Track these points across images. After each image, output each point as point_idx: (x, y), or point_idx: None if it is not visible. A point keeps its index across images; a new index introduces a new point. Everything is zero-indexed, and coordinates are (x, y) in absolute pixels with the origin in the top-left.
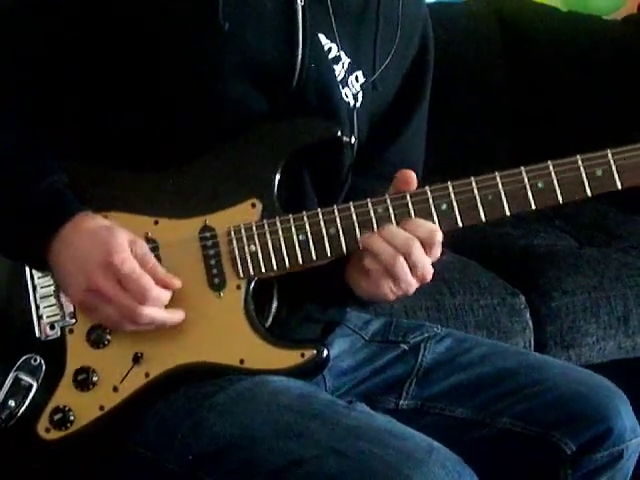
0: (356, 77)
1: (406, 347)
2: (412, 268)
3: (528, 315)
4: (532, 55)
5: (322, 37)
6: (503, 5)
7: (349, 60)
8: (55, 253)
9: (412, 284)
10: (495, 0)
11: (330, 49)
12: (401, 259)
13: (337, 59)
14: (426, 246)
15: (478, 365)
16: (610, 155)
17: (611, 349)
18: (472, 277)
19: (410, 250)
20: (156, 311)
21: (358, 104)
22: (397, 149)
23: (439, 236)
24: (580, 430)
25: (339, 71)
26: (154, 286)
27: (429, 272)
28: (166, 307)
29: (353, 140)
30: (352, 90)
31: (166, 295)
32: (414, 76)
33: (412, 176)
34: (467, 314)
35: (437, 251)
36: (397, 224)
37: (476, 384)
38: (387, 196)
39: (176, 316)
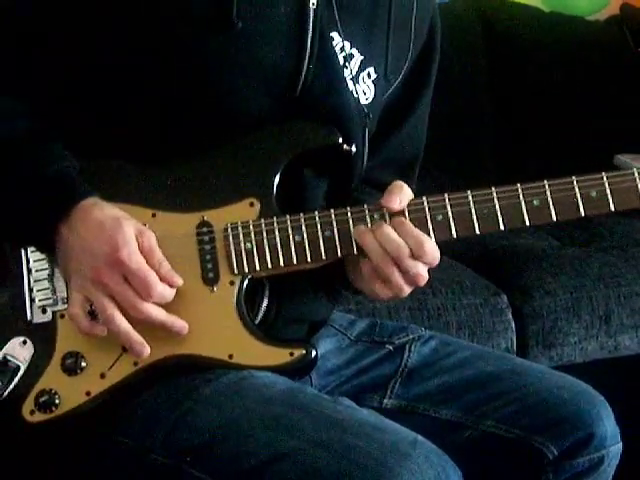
0: (368, 73)
1: (391, 348)
2: (403, 273)
3: (510, 315)
4: (515, 56)
5: (335, 35)
6: (486, 6)
7: (362, 57)
8: (63, 237)
9: (403, 288)
10: (478, 1)
11: (343, 47)
12: (391, 263)
13: (350, 56)
14: (415, 256)
15: (462, 368)
16: (605, 178)
17: (593, 349)
18: (454, 277)
19: (400, 256)
20: (158, 311)
21: (370, 100)
22: (402, 135)
23: (427, 247)
24: (562, 435)
25: (352, 68)
26: (159, 282)
27: (422, 278)
28: None
29: (354, 149)
30: (364, 86)
31: (170, 292)
32: (421, 63)
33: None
34: (449, 314)
35: (430, 259)
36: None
37: (461, 386)
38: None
39: (177, 323)
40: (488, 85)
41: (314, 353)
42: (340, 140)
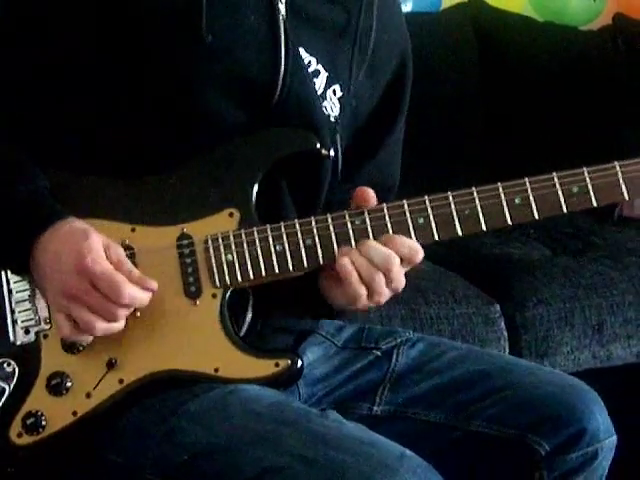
0: (334, 91)
1: (379, 353)
2: (389, 282)
3: (503, 324)
4: (508, 65)
5: (302, 50)
6: (479, 15)
7: (327, 74)
8: (35, 258)
9: (386, 296)
10: (471, 10)
11: (310, 62)
12: (380, 275)
13: (316, 73)
14: (406, 262)
15: (450, 369)
16: (586, 173)
17: (585, 358)
18: (447, 286)
19: (390, 267)
20: (135, 291)
21: (337, 117)
22: (374, 166)
23: (421, 254)
24: (554, 431)
25: (319, 85)
26: (127, 282)
27: (403, 284)
28: (141, 315)
29: (332, 153)
30: (330, 103)
31: (145, 295)
32: (391, 98)
33: (370, 194)
34: (442, 323)
35: (419, 262)
36: (374, 237)
37: (449, 388)
38: (364, 209)
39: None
40: (481, 94)
41: (300, 363)
42: (318, 145)
